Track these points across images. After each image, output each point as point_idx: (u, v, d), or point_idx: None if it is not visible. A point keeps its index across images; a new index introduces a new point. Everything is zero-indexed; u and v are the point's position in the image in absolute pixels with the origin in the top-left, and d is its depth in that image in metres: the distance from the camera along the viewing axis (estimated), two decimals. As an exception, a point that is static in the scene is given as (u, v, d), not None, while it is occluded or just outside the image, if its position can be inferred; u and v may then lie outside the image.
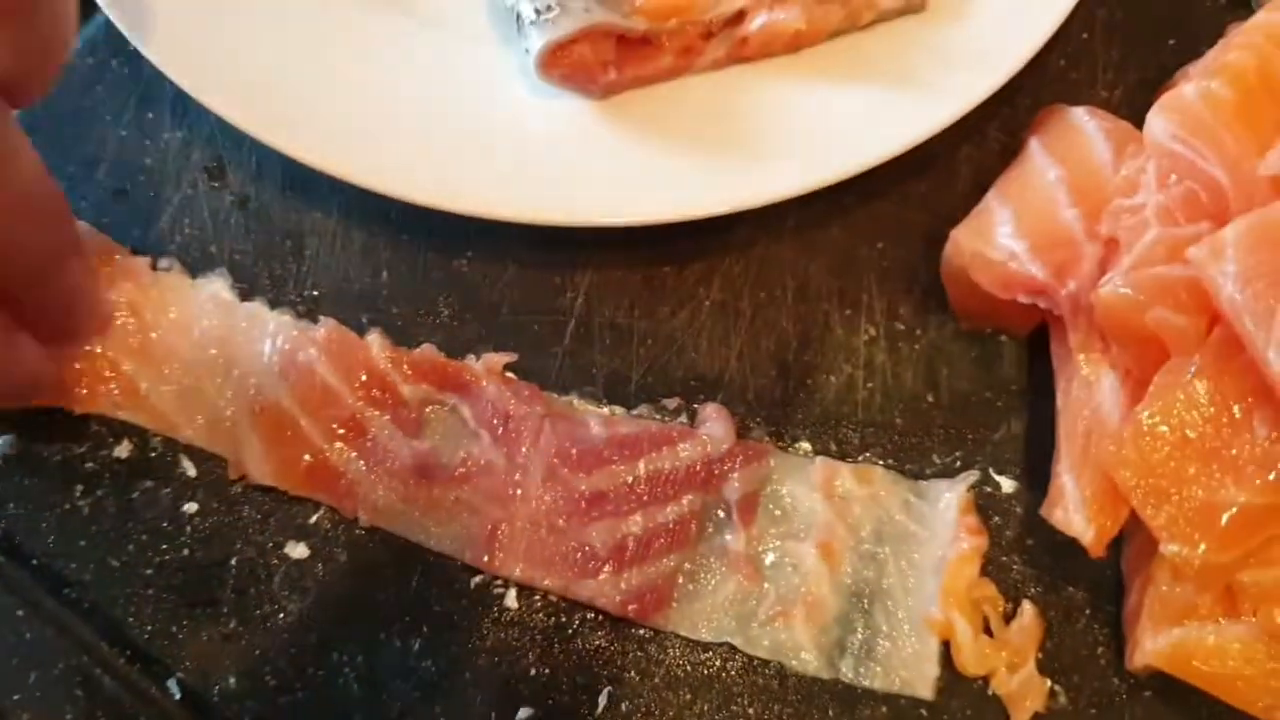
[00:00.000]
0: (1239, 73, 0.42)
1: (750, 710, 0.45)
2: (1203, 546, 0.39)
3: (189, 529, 0.47)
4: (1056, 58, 0.55)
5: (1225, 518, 0.39)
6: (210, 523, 0.47)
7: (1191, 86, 0.43)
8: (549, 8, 0.47)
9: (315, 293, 0.51)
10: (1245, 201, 0.41)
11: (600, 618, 0.46)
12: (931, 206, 0.53)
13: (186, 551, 0.47)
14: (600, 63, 0.48)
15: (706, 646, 0.45)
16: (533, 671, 0.45)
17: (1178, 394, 0.40)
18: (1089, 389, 0.44)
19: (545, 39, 0.47)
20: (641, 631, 0.46)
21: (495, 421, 0.47)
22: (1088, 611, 0.46)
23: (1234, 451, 0.40)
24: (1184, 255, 0.41)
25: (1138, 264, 0.42)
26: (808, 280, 0.52)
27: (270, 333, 0.48)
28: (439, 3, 0.52)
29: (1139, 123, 0.49)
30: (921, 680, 0.44)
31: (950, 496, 0.47)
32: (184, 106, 0.53)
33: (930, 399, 0.50)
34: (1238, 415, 0.40)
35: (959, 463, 0.48)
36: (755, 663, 0.45)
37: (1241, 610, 0.41)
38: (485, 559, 0.46)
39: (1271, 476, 0.39)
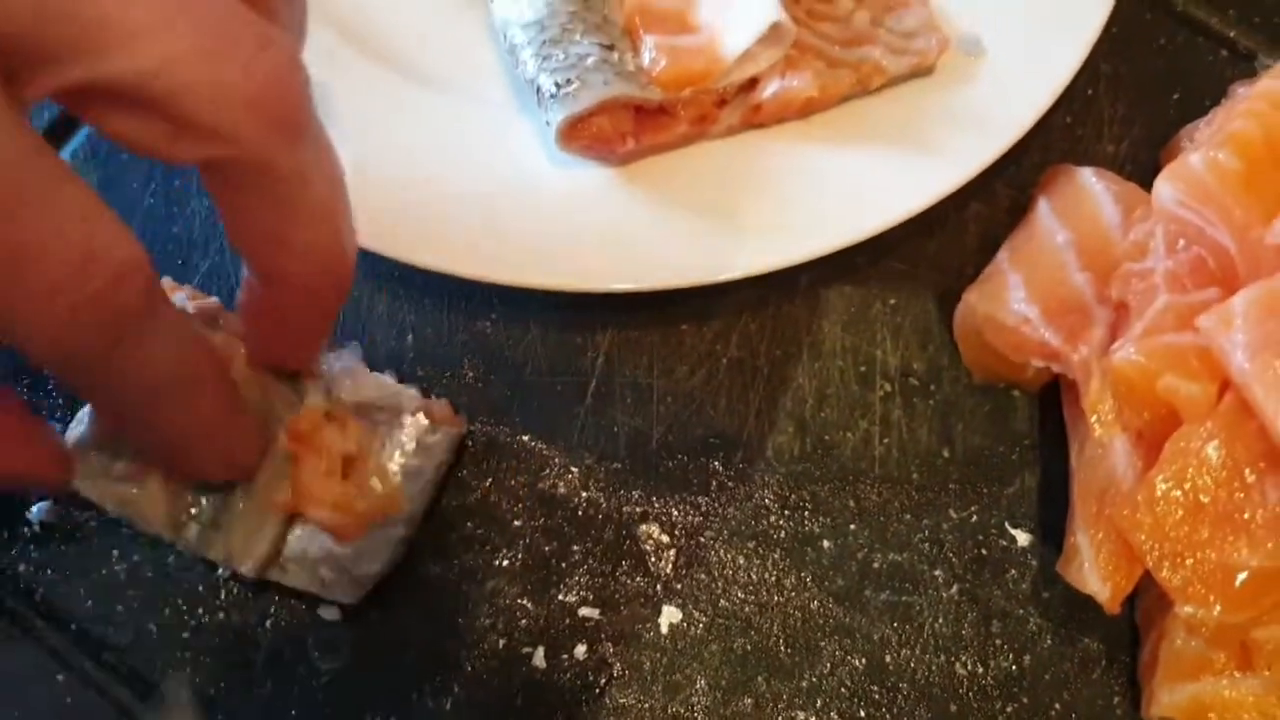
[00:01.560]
0: (1245, 142, 0.43)
1: (776, 766, 0.46)
2: (1218, 608, 0.41)
3: (224, 594, 0.48)
4: (1062, 114, 0.56)
5: (1239, 580, 0.40)
6: (244, 587, 0.48)
7: (1198, 156, 0.44)
8: (569, 81, 0.48)
9: (342, 357, 0.52)
10: (1253, 268, 0.43)
11: (628, 675, 0.47)
12: (942, 264, 0.54)
13: (222, 615, 0.48)
14: (619, 133, 0.49)
15: (732, 700, 0.47)
16: (562, 730, 0.47)
17: (1190, 459, 0.41)
18: (1102, 451, 0.45)
19: (565, 113, 0.48)
20: (667, 689, 0.47)
21: None
22: (1103, 663, 0.47)
23: (1246, 515, 0.41)
24: (1193, 322, 0.42)
25: (1148, 331, 0.43)
26: (822, 338, 0.53)
27: None
28: (458, 73, 0.53)
29: (1145, 177, 0.50)
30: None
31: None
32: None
33: (945, 454, 0.51)
34: (1250, 480, 0.41)
35: (974, 517, 0.50)
36: (786, 715, 0.46)
37: (1256, 665, 0.42)
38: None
39: (1283, 539, 0.40)
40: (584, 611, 0.48)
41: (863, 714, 0.47)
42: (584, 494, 0.50)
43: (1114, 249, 0.46)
